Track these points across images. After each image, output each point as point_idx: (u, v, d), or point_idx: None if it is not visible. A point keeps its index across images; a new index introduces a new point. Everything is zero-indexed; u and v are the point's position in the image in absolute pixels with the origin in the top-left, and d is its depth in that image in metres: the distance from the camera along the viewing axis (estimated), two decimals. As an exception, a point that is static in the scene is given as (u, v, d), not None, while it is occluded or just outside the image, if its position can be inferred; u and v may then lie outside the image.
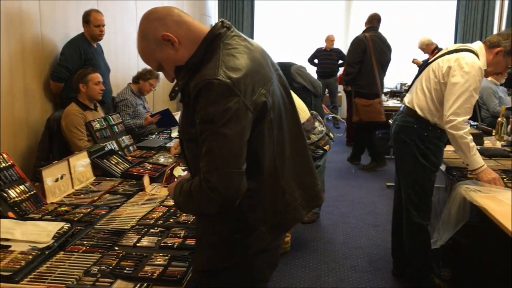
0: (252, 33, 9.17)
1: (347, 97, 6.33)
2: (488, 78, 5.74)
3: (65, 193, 2.53)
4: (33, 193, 2.34)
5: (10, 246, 1.82)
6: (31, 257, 1.72)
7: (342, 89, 7.11)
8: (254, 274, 1.51)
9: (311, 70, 8.06)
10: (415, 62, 7.42)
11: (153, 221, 2.13)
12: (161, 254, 1.78)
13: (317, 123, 3.05)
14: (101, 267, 1.68)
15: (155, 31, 1.38)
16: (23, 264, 1.66)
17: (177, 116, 4.37)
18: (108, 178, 2.82)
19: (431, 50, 6.78)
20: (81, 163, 2.73)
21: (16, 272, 1.61)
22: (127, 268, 1.67)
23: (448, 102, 2.52)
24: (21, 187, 2.31)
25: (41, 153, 3.50)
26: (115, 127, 3.55)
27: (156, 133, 4.28)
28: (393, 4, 8.98)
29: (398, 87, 8.07)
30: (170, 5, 1.42)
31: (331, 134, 3.18)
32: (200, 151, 1.32)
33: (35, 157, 3.52)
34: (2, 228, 1.93)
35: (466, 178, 2.70)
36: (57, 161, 2.59)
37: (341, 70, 7.95)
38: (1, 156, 2.33)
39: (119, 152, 3.24)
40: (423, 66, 2.82)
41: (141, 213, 2.24)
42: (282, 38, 9.27)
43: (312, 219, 4.09)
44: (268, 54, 1.52)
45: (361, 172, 5.77)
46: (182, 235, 1.95)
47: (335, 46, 8.37)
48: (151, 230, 2.01)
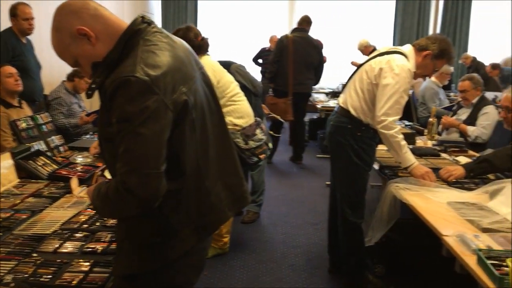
0: (195, 32, 9.06)
1: None
2: (432, 79, 5.98)
3: (-16, 197, 2.37)
4: None
5: None
6: None
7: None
8: (177, 279, 1.46)
9: (256, 70, 8.09)
10: (353, 64, 7.59)
11: (77, 225, 2.03)
12: (84, 260, 1.69)
13: (258, 130, 3.04)
14: (16, 275, 1.57)
15: (69, 25, 1.31)
16: None
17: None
18: (33, 181, 2.66)
19: (368, 52, 6.96)
20: (3, 164, 2.57)
21: None
22: (44, 276, 1.57)
23: (380, 103, 2.57)
24: None
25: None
26: (44, 126, 3.37)
27: (91, 132, 4.12)
28: (335, 5, 9.15)
29: (340, 87, 8.21)
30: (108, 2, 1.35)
31: (270, 145, 3.19)
32: (117, 152, 1.26)
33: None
34: None
35: (397, 177, 2.77)
36: (-25, 163, 2.42)
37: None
38: None
39: (48, 153, 3.08)
40: (357, 67, 2.87)
41: (66, 216, 2.13)
42: (226, 37, 9.23)
43: (252, 219, 4.08)
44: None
45: (303, 171, 5.83)
46: (108, 239, 1.87)
47: (279, 46, 8.43)
48: (75, 235, 1.92)
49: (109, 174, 1.49)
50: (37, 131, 3.30)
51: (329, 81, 9.10)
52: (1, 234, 1.92)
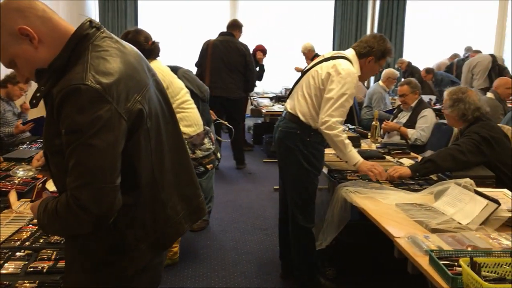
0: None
1: None
2: (380, 83, 6.21)
3: None
4: None
5: None
6: None
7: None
8: (133, 296, 1.39)
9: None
10: (297, 70, 7.69)
11: (19, 242, 1.90)
12: (28, 281, 1.58)
13: (206, 140, 2.98)
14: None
15: (12, 22, 1.21)
16: None
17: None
18: (-35, 196, 2.47)
19: (311, 56, 7.08)
20: None
21: None
22: (-17, 302, 1.45)
23: (325, 106, 2.61)
24: None
25: None
26: (-26, 136, 3.15)
27: (28, 142, 3.89)
28: (277, 9, 9.23)
29: (283, 92, 8.31)
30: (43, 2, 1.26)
31: (219, 155, 3.14)
32: (67, 165, 1.17)
33: None
34: None
35: (346, 180, 2.82)
36: None
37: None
38: None
39: (-19, 165, 2.87)
40: (302, 73, 2.89)
41: (5, 234, 1.98)
42: (168, 41, 9.04)
43: (201, 226, 4.01)
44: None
45: (250, 176, 5.83)
46: (54, 257, 1.76)
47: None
48: (17, 254, 1.79)
49: (55, 188, 1.40)
50: (-34, 141, 3.07)
51: (272, 85, 9.20)
52: None
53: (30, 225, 2.09)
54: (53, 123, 1.20)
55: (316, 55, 7.17)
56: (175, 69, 3.91)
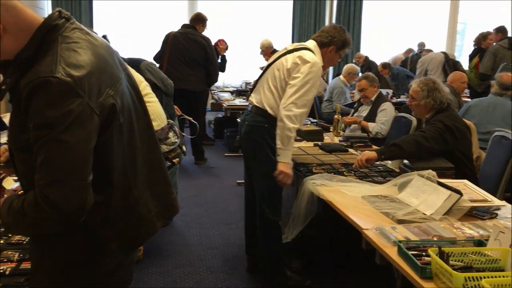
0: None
1: None
2: (341, 78, 6.31)
3: None
4: None
5: None
6: None
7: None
8: (105, 296, 1.35)
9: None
10: (261, 69, 7.68)
11: (-23, 244, 1.80)
12: (-11, 285, 1.50)
13: (171, 134, 2.93)
14: None
15: None
16: None
17: (6, 118, 3.83)
18: None
19: (269, 52, 7.09)
20: None
21: None
22: None
23: (289, 93, 2.62)
24: None
25: None
26: None
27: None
28: (235, 5, 9.19)
29: (243, 86, 8.29)
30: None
31: (184, 148, 3.09)
32: (35, 162, 1.12)
33: None
34: None
35: (312, 173, 2.85)
36: None
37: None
38: None
39: None
40: (266, 67, 2.89)
41: (-38, 236, 1.88)
42: (126, 34, 8.82)
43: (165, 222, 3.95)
44: (115, 50, 1.36)
45: (212, 171, 5.79)
46: (16, 258, 1.68)
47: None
48: (-24, 256, 1.70)
49: (19, 185, 1.33)
50: None
51: (232, 79, 9.17)
52: None
53: (-12, 226, 1.99)
54: (20, 117, 1.14)
55: (274, 51, 7.17)
56: (138, 61, 3.83)
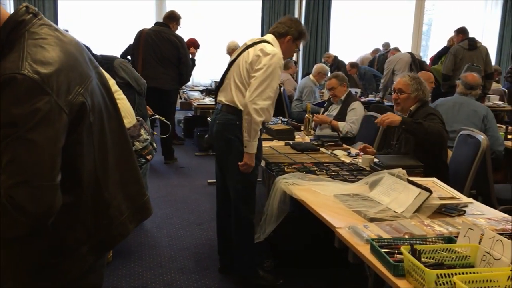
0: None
1: None
2: (310, 78, 6.36)
3: None
4: None
5: None
6: None
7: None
8: (75, 302, 1.31)
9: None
10: None
11: None
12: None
13: (142, 131, 2.89)
14: None
15: None
16: None
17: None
18: None
19: None
20: None
21: None
22: None
23: (253, 85, 2.63)
24: None
25: None
26: None
27: None
28: (204, 4, 9.12)
29: (213, 84, 8.24)
30: None
31: (154, 144, 3.06)
32: (0, 162, 1.07)
33: None
34: None
35: (284, 172, 2.85)
36: None
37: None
38: None
39: None
40: (228, 64, 2.88)
41: None
42: (91, 31, 8.62)
43: (134, 223, 3.88)
44: (84, 48, 1.32)
45: (182, 170, 5.73)
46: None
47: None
48: None
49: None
50: None
51: (202, 78, 9.11)
52: None
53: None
54: (-17, 116, 1.09)
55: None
56: (111, 59, 3.79)
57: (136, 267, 3.20)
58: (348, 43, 10.03)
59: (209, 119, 4.17)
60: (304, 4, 9.61)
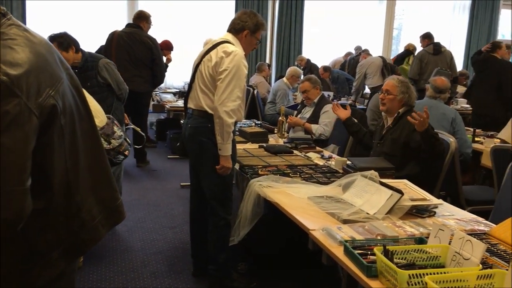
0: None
1: None
2: (284, 80, 6.39)
3: None
4: None
5: None
6: None
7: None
8: (46, 308, 1.28)
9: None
10: None
11: None
12: None
13: (116, 128, 2.86)
14: None
15: None
16: None
17: None
18: None
19: None
20: None
21: None
22: None
23: (221, 88, 2.62)
24: None
25: None
26: None
27: None
28: (177, 4, 9.06)
29: (186, 87, 8.18)
30: None
31: (128, 140, 3.02)
32: None
33: None
34: None
35: (259, 175, 2.85)
36: None
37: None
38: None
39: None
40: (194, 69, 2.86)
41: None
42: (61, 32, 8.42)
43: (105, 227, 3.81)
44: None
45: (155, 173, 5.67)
46: None
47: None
48: None
49: None
50: None
51: (174, 80, 9.03)
52: None
53: None
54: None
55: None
56: (98, 57, 3.78)
57: (108, 271, 3.15)
58: (321, 46, 10.13)
59: (182, 121, 4.14)
60: (277, 5, 9.66)
